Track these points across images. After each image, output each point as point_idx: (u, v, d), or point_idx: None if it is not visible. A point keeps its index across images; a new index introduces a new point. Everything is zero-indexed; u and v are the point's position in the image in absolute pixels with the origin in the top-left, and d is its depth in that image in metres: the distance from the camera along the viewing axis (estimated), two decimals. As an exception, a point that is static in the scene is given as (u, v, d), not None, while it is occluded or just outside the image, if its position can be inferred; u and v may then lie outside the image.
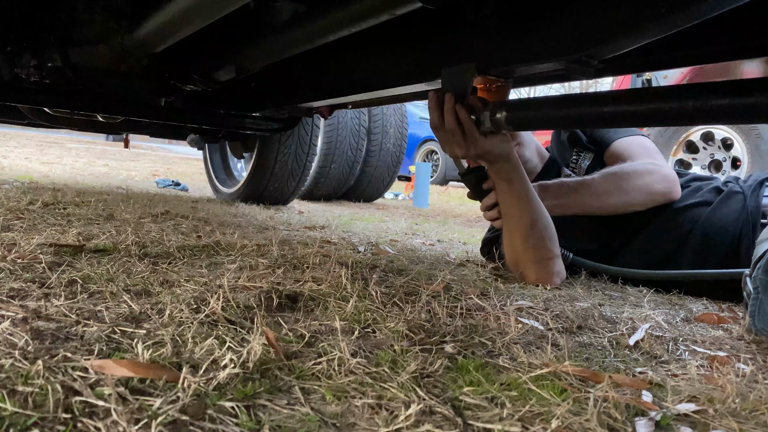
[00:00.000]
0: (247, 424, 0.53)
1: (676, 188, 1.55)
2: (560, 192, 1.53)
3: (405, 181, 7.65)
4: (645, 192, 1.52)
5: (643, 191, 1.52)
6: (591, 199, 1.52)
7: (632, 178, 1.52)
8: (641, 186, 1.52)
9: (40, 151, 7.32)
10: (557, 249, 1.43)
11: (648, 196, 1.53)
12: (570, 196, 1.53)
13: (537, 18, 1.02)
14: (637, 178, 1.53)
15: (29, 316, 0.73)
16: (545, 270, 1.40)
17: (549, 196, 1.49)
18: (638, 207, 1.54)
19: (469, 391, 0.66)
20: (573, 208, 1.53)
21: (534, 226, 1.38)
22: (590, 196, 1.52)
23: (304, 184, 3.27)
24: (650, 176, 1.54)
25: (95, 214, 1.82)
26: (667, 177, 1.54)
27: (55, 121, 2.45)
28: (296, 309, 0.95)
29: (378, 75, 1.46)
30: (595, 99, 1.04)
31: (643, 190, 1.52)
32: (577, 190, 1.53)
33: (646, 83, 3.96)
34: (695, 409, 0.67)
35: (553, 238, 1.41)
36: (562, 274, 1.44)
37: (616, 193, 1.52)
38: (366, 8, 1.04)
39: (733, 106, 0.82)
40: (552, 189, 1.53)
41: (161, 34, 1.44)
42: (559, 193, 1.53)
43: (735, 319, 1.20)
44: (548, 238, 1.41)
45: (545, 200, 1.44)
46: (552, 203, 1.48)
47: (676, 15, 0.78)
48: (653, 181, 1.53)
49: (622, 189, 1.52)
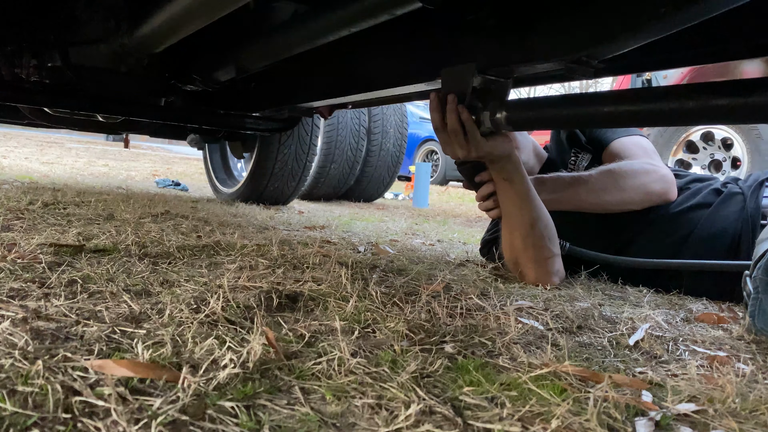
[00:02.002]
0: (247, 424, 0.53)
1: (672, 189, 1.55)
2: (556, 186, 1.52)
3: (405, 181, 7.65)
4: (642, 191, 1.52)
5: (639, 190, 1.52)
6: (587, 195, 1.51)
7: (629, 177, 1.52)
8: (638, 185, 1.52)
9: (40, 151, 7.32)
10: (557, 248, 1.43)
11: (644, 195, 1.52)
12: (566, 191, 1.52)
13: (537, 18, 1.01)
14: (634, 177, 1.52)
15: (29, 316, 0.73)
16: (544, 269, 1.40)
17: (545, 190, 1.49)
18: (634, 206, 1.53)
19: (469, 391, 0.66)
20: (568, 204, 1.52)
21: (534, 226, 1.39)
22: (586, 192, 1.51)
23: (304, 184, 3.27)
24: (647, 176, 1.53)
25: (95, 214, 1.82)
26: (664, 177, 1.54)
27: (55, 121, 2.46)
28: (296, 309, 0.95)
29: (378, 75, 1.46)
30: (595, 99, 1.04)
31: (640, 189, 1.52)
32: (573, 185, 1.52)
33: (646, 83, 3.96)
34: (695, 409, 0.67)
35: (553, 237, 1.41)
36: (561, 273, 1.44)
37: (613, 190, 1.51)
38: (366, 8, 1.04)
39: (733, 106, 0.82)
40: (548, 183, 1.53)
41: (161, 34, 1.44)
42: (555, 188, 1.52)
43: (735, 319, 1.20)
44: (548, 237, 1.41)
45: (541, 194, 1.44)
46: (548, 197, 1.47)
47: (676, 15, 0.78)
48: (650, 181, 1.53)
49: (619, 187, 1.51)
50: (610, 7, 0.88)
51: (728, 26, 0.99)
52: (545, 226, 1.40)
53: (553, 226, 1.42)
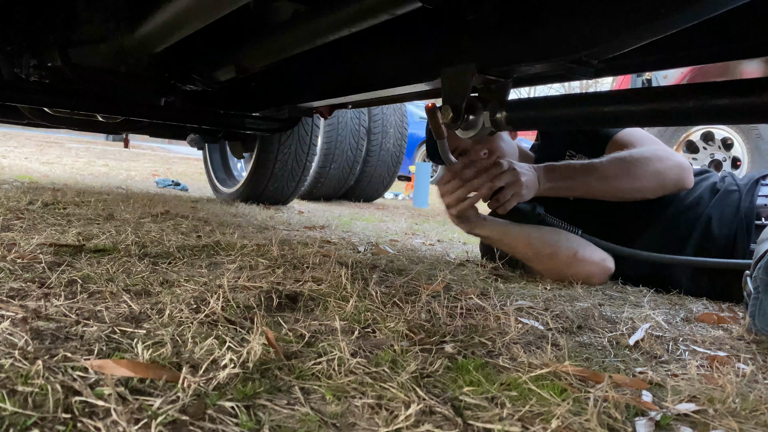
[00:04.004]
0: (247, 424, 0.53)
1: (689, 176, 1.49)
2: (567, 173, 1.48)
3: (405, 181, 7.65)
4: (656, 179, 1.46)
5: (653, 178, 1.46)
6: (598, 182, 1.46)
7: (642, 164, 1.46)
8: (652, 172, 1.46)
9: (40, 151, 7.32)
10: (571, 242, 1.45)
11: (659, 183, 1.47)
12: (576, 178, 1.48)
13: (537, 18, 1.01)
14: (647, 164, 1.46)
15: (29, 316, 0.73)
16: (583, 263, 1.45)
17: (556, 178, 1.47)
18: (648, 194, 1.48)
19: (469, 391, 0.66)
20: (578, 191, 1.49)
21: (532, 244, 1.46)
22: (597, 179, 1.46)
23: (304, 184, 3.27)
24: (662, 163, 1.47)
25: (95, 214, 1.82)
26: (680, 164, 1.49)
27: (55, 121, 2.46)
28: (296, 309, 0.95)
29: (378, 75, 1.46)
30: (595, 99, 1.04)
31: (654, 177, 1.46)
32: (584, 172, 1.48)
33: (646, 83, 3.96)
34: (695, 409, 0.67)
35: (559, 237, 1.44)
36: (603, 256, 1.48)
37: (625, 178, 1.46)
38: (366, 8, 1.04)
39: (733, 106, 0.82)
40: (559, 170, 1.49)
41: (161, 33, 1.44)
42: (566, 175, 1.48)
43: (735, 319, 1.20)
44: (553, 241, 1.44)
45: (552, 181, 1.44)
46: (559, 185, 1.46)
47: (676, 15, 0.78)
48: (665, 168, 1.47)
49: (631, 174, 1.46)
50: (610, 7, 0.88)
51: (728, 26, 0.99)
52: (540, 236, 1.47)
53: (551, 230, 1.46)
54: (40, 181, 3.28)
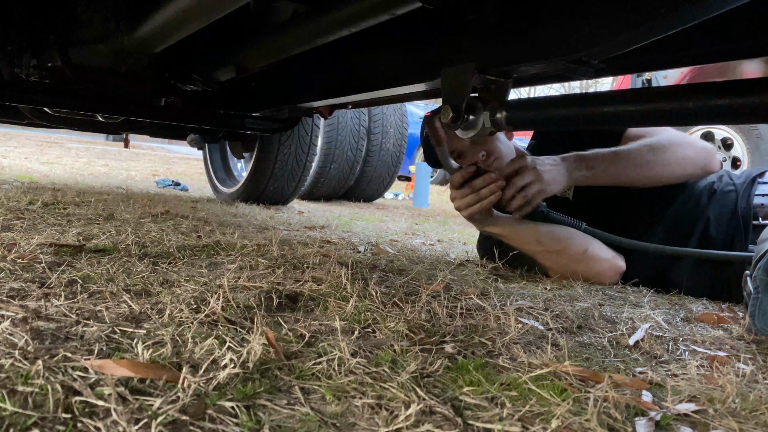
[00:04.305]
0: (247, 424, 0.53)
1: (715, 160, 1.48)
2: (595, 162, 1.47)
3: (405, 181, 7.65)
4: (684, 164, 1.45)
5: (682, 164, 1.45)
6: (628, 170, 1.45)
7: (670, 150, 1.45)
8: (680, 158, 1.45)
9: (40, 151, 7.32)
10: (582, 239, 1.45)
11: (690, 167, 1.46)
12: (606, 166, 1.46)
13: (537, 18, 1.01)
14: (676, 150, 1.45)
15: (29, 316, 0.73)
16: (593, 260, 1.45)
17: (583, 167, 1.46)
18: (674, 179, 1.47)
19: (469, 391, 0.66)
20: (608, 179, 1.47)
21: (542, 241, 1.46)
22: (627, 167, 1.45)
23: (304, 184, 3.27)
24: (689, 148, 1.47)
25: (95, 214, 1.82)
26: (705, 148, 1.48)
27: (55, 121, 2.46)
28: (296, 309, 0.95)
29: (378, 75, 1.46)
30: (595, 99, 1.04)
31: (682, 162, 1.45)
32: (614, 159, 1.46)
33: (646, 83, 3.96)
34: (695, 409, 0.67)
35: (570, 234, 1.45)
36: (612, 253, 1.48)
37: (655, 164, 1.44)
38: (366, 8, 1.04)
39: (733, 106, 0.82)
40: (587, 159, 1.48)
41: (161, 34, 1.44)
42: (594, 164, 1.47)
43: (735, 319, 1.20)
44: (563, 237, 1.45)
45: (579, 170, 1.43)
46: (590, 173, 1.45)
47: (676, 15, 0.78)
48: (694, 153, 1.46)
49: (661, 160, 1.44)
50: (610, 7, 0.88)
51: (728, 26, 0.99)
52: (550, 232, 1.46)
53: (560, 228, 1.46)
54: (40, 181, 3.28)
